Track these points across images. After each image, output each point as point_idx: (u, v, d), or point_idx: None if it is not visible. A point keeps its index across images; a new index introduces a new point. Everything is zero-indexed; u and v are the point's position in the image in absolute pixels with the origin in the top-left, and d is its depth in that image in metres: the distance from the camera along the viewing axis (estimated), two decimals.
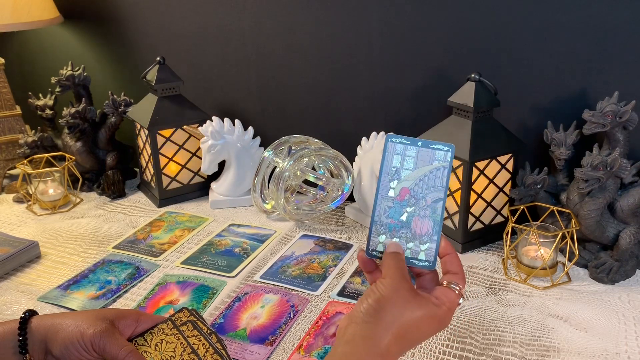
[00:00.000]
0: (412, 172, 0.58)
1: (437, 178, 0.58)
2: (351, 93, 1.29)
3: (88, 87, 1.42)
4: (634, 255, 1.01)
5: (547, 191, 1.09)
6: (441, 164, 0.57)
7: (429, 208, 0.58)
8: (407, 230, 0.59)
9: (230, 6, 1.34)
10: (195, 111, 1.35)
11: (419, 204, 0.58)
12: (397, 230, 0.59)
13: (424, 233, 0.58)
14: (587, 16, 1.03)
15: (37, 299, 0.99)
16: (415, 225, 0.58)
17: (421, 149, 0.58)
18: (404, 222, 0.59)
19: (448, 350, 0.83)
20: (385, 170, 0.59)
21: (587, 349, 0.83)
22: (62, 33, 1.60)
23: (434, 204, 0.58)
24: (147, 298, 0.99)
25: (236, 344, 0.86)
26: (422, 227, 0.58)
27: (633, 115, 0.98)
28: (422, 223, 0.58)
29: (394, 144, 0.59)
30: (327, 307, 0.94)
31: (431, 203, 0.58)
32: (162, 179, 1.34)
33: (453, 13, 1.13)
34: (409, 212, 0.58)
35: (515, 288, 0.99)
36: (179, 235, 1.20)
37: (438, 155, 0.58)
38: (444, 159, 0.57)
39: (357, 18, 1.22)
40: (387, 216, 0.59)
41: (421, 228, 0.58)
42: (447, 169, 0.57)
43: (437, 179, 0.58)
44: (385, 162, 0.59)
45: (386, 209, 0.59)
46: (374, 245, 0.60)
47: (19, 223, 1.27)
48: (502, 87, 1.08)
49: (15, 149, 1.44)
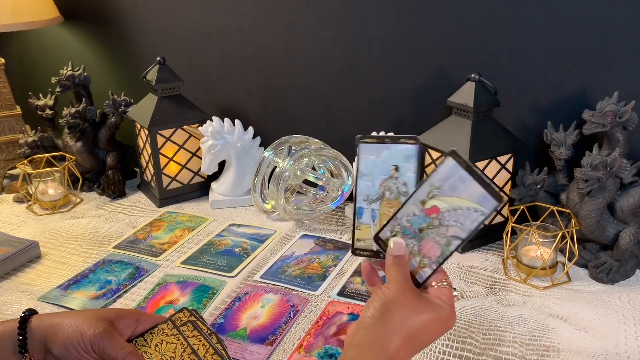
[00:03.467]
0: (453, 197, 0.55)
1: (470, 219, 0.54)
2: (351, 93, 1.29)
3: (88, 87, 1.42)
4: (634, 255, 1.01)
5: (547, 191, 1.09)
6: (482, 209, 0.54)
7: (445, 238, 0.56)
8: (416, 244, 0.57)
9: (230, 6, 1.34)
10: (195, 111, 1.35)
11: (439, 229, 0.56)
12: (409, 237, 0.58)
13: (428, 256, 0.57)
14: (587, 16, 1.03)
15: (37, 298, 0.99)
16: (425, 245, 0.57)
17: (474, 184, 0.54)
18: (419, 235, 0.57)
19: (448, 350, 0.83)
20: (431, 180, 0.56)
21: (587, 349, 0.83)
22: (62, 33, 1.60)
23: (452, 239, 0.55)
24: (147, 298, 0.99)
25: (236, 344, 0.86)
26: (430, 250, 0.57)
27: (633, 115, 0.98)
28: (432, 247, 0.56)
29: (454, 162, 0.55)
30: (327, 307, 0.94)
31: (449, 236, 0.55)
32: (162, 179, 1.34)
33: (453, 13, 1.13)
34: (426, 230, 0.57)
35: (515, 288, 0.99)
36: (179, 235, 1.20)
37: (485, 200, 0.54)
38: (488, 207, 0.54)
39: (357, 18, 1.22)
40: (408, 220, 0.58)
41: (429, 250, 0.57)
42: (483, 217, 0.54)
43: (469, 221, 0.54)
44: (436, 172, 0.56)
45: (410, 214, 0.58)
46: (383, 236, 0.59)
47: (19, 223, 1.27)
48: (502, 87, 1.08)
49: (16, 149, 1.44)
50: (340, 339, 0.86)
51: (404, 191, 0.60)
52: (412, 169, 0.59)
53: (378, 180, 0.61)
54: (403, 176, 0.60)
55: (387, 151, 0.60)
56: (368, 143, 0.61)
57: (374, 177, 0.61)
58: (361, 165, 0.61)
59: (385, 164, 0.60)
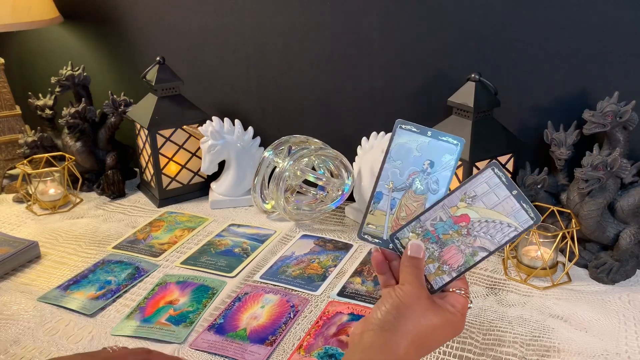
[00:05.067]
0: (486, 209, 0.55)
1: (501, 233, 0.54)
2: (351, 93, 1.29)
3: (88, 87, 1.42)
4: (634, 255, 1.01)
5: (547, 191, 1.09)
6: (515, 225, 0.54)
7: (471, 248, 0.55)
8: (439, 250, 0.56)
9: (230, 6, 1.34)
10: (195, 111, 1.35)
11: (467, 239, 0.55)
12: (431, 242, 0.56)
13: (449, 263, 0.56)
14: (587, 16, 1.03)
15: (37, 299, 0.98)
16: (448, 252, 0.56)
17: (511, 198, 0.54)
18: (442, 241, 0.56)
19: (448, 350, 0.83)
20: (465, 188, 0.56)
21: (587, 349, 0.83)
22: (62, 33, 1.60)
23: (479, 250, 0.55)
24: (147, 298, 0.98)
25: (236, 344, 0.86)
26: (452, 258, 0.55)
27: (633, 115, 0.98)
28: (455, 255, 0.55)
29: (493, 174, 0.55)
30: (327, 307, 0.94)
31: (477, 246, 0.55)
32: (162, 179, 1.34)
33: (453, 13, 1.13)
34: (452, 237, 0.56)
35: (515, 288, 0.99)
36: (178, 235, 1.20)
37: (520, 216, 0.53)
38: (522, 224, 0.53)
39: (357, 18, 1.22)
40: (432, 224, 0.56)
41: (451, 258, 0.56)
42: (516, 233, 0.54)
43: (500, 234, 0.54)
44: (472, 181, 0.55)
45: (437, 218, 0.56)
46: (401, 236, 0.57)
47: (19, 223, 1.27)
48: (502, 87, 1.08)
49: (15, 149, 1.44)
50: (340, 339, 0.86)
51: (434, 188, 0.57)
52: (448, 169, 0.57)
53: (408, 170, 0.58)
54: (436, 174, 0.58)
55: (426, 144, 0.58)
56: (406, 130, 0.58)
57: (403, 166, 0.58)
58: (392, 150, 0.58)
59: (420, 156, 0.58)
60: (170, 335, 0.88)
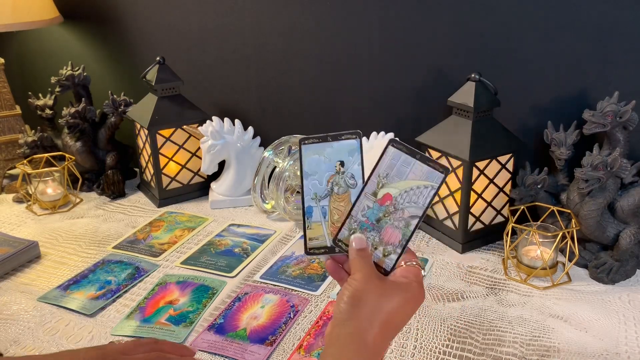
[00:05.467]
0: (401, 181, 0.58)
1: (422, 196, 0.57)
2: (351, 93, 1.29)
3: (88, 87, 1.42)
4: (634, 255, 1.01)
5: (547, 191, 1.09)
6: (431, 184, 0.57)
7: (403, 221, 0.58)
8: (377, 234, 0.59)
9: (230, 6, 1.34)
10: (195, 111, 1.35)
11: (396, 214, 0.58)
12: (368, 231, 0.59)
13: (391, 243, 0.58)
14: (587, 16, 1.03)
15: (37, 299, 0.98)
16: (386, 233, 0.58)
17: (418, 163, 0.58)
18: (377, 225, 0.59)
19: (448, 350, 0.83)
20: (377, 171, 0.59)
21: (587, 349, 0.83)
22: (62, 33, 1.60)
23: (410, 219, 0.57)
24: (147, 298, 0.98)
25: (236, 344, 0.86)
26: (391, 237, 0.58)
27: (633, 115, 0.98)
28: (392, 233, 0.58)
29: (395, 149, 0.59)
30: (327, 307, 0.94)
31: (407, 217, 0.58)
32: (162, 179, 1.34)
33: (453, 13, 1.13)
34: (384, 219, 0.59)
35: (515, 288, 0.99)
36: (178, 235, 1.20)
37: (432, 175, 0.57)
38: (436, 181, 0.57)
39: (357, 18, 1.22)
40: (363, 214, 0.59)
41: (390, 237, 0.58)
42: (434, 190, 0.57)
43: (422, 197, 0.57)
44: (380, 163, 0.59)
45: (365, 208, 0.59)
46: (342, 236, 0.60)
47: (19, 223, 1.27)
48: (502, 87, 1.08)
49: (15, 149, 1.44)
50: None
51: (351, 183, 0.62)
52: (357, 162, 0.62)
53: (325, 177, 0.62)
54: (349, 170, 0.62)
55: (330, 148, 0.62)
56: (310, 144, 0.62)
57: (320, 175, 0.62)
58: (305, 166, 0.63)
59: (330, 161, 0.62)
60: (170, 335, 0.88)
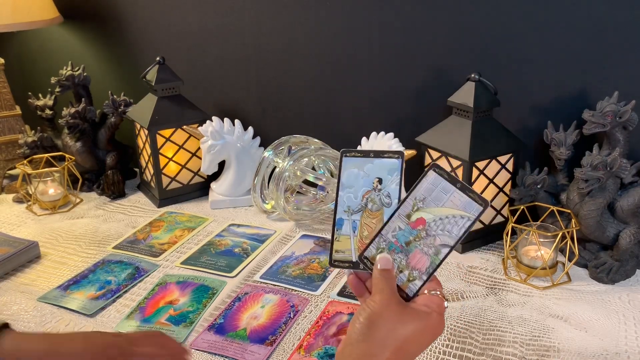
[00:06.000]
0: (438, 207, 0.57)
1: (457, 226, 0.56)
2: (351, 93, 1.29)
3: (88, 87, 1.42)
4: (634, 255, 1.01)
5: (547, 191, 1.09)
6: (467, 215, 0.56)
7: (433, 248, 0.57)
8: (404, 257, 0.58)
9: (230, 6, 1.34)
10: (195, 111, 1.35)
11: (427, 240, 0.57)
12: (396, 252, 0.58)
13: (417, 268, 0.57)
14: (587, 16, 1.03)
15: (37, 299, 0.98)
16: (414, 257, 0.58)
17: (457, 191, 0.56)
18: (405, 248, 0.58)
19: (448, 350, 0.83)
20: (415, 194, 0.58)
21: (587, 349, 0.83)
22: (62, 33, 1.60)
23: (440, 247, 0.57)
24: (147, 298, 0.98)
25: (236, 344, 0.86)
26: (418, 262, 0.57)
27: (633, 115, 0.98)
28: (420, 258, 0.57)
29: (436, 174, 0.58)
30: (327, 307, 0.94)
31: (438, 245, 0.57)
32: (162, 179, 1.34)
33: (453, 13, 1.13)
34: (413, 242, 0.58)
35: (515, 288, 0.99)
36: (178, 235, 1.20)
37: (470, 206, 0.56)
38: (473, 213, 0.56)
39: (357, 18, 1.22)
40: (393, 235, 0.59)
41: (417, 262, 0.57)
42: (470, 222, 0.56)
43: (456, 227, 0.56)
44: (419, 186, 0.58)
45: (396, 228, 0.58)
46: (368, 254, 0.59)
47: (19, 223, 1.27)
48: (502, 87, 1.08)
49: (15, 149, 1.44)
50: (340, 339, 0.86)
51: (387, 202, 0.61)
52: (395, 182, 0.61)
53: (361, 192, 0.62)
54: (386, 188, 0.61)
55: (371, 164, 0.62)
56: (351, 157, 0.62)
57: (356, 189, 0.62)
58: (343, 178, 0.62)
59: (368, 177, 0.62)
60: (170, 335, 0.88)
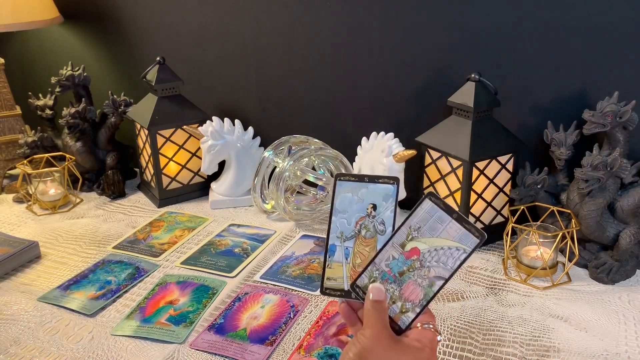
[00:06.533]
0: (433, 238, 0.55)
1: (452, 258, 0.54)
2: (351, 93, 1.29)
3: (88, 87, 1.42)
4: (634, 255, 1.01)
5: (547, 191, 1.09)
6: (463, 247, 0.54)
7: (427, 280, 0.55)
8: (398, 288, 0.56)
9: (230, 6, 1.34)
10: (195, 111, 1.35)
11: (421, 271, 0.55)
12: (389, 282, 0.56)
13: (410, 300, 0.56)
14: (587, 16, 1.03)
15: (37, 299, 0.98)
16: (407, 288, 0.56)
17: (453, 222, 0.55)
18: (399, 279, 0.56)
19: (448, 350, 0.83)
20: (409, 222, 0.57)
21: (587, 349, 0.83)
22: (62, 33, 1.60)
23: (435, 279, 0.55)
24: (147, 298, 0.98)
25: (236, 344, 0.86)
26: (411, 293, 0.55)
27: (633, 115, 0.98)
28: (413, 289, 0.56)
29: (432, 203, 0.56)
30: (327, 307, 0.94)
31: (432, 277, 0.55)
32: (162, 179, 1.34)
33: (453, 13, 1.13)
34: (407, 273, 0.56)
35: (515, 288, 0.99)
36: (179, 236, 1.20)
37: (466, 238, 0.54)
38: (469, 245, 0.54)
39: (357, 18, 1.22)
40: (387, 264, 0.57)
41: (410, 294, 0.56)
42: (466, 255, 0.54)
43: (451, 259, 0.54)
44: (414, 214, 0.57)
45: (390, 257, 0.57)
46: (361, 283, 0.58)
47: (19, 223, 1.27)
48: (502, 87, 1.08)
49: (15, 149, 1.44)
50: (340, 339, 0.86)
51: (381, 230, 0.59)
52: (390, 208, 0.59)
53: (354, 218, 0.60)
54: (381, 215, 0.59)
55: (365, 189, 0.60)
56: (346, 180, 0.61)
57: (349, 215, 0.60)
58: (337, 202, 0.61)
59: (362, 202, 0.60)
60: (170, 335, 0.88)
